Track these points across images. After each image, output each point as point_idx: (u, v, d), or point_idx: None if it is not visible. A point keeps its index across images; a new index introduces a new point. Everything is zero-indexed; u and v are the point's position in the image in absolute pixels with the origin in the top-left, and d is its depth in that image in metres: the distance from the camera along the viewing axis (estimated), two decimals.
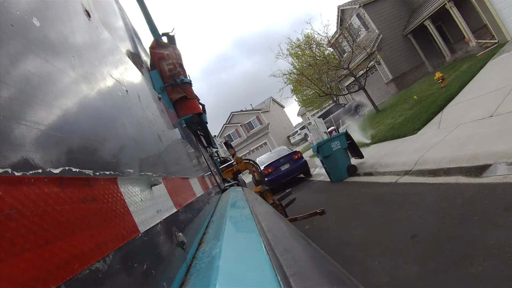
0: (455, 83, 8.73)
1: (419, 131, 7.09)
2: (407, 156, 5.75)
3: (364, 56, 17.21)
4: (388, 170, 5.86)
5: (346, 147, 7.20)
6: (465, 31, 13.83)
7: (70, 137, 0.49)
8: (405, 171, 5.24)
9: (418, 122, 7.56)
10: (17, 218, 0.31)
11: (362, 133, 10.62)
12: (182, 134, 1.94)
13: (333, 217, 4.87)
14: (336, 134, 7.41)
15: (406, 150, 6.27)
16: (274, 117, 38.54)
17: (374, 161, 6.88)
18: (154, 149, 1.02)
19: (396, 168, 5.65)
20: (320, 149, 7.28)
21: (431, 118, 7.33)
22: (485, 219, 2.74)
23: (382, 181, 5.53)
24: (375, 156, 7.37)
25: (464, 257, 2.38)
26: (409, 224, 3.36)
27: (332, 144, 7.19)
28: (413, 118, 8.09)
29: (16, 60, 0.42)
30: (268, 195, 4.60)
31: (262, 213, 1.35)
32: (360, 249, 3.38)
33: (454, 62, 14.14)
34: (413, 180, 4.81)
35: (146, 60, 2.41)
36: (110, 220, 0.50)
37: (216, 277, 0.59)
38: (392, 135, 8.20)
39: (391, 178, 5.46)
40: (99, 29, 0.93)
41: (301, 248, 0.80)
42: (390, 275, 2.67)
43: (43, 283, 0.31)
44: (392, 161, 6.12)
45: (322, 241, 4.10)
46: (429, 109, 7.84)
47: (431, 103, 8.38)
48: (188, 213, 1.08)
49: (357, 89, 15.47)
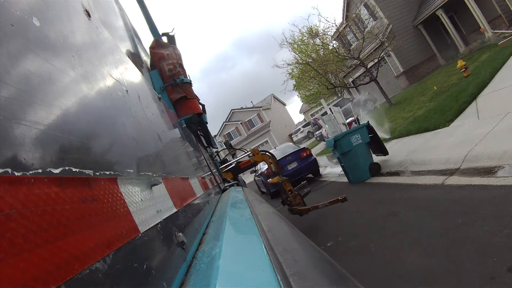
0: (483, 71, 8.09)
1: (452, 122, 6.23)
2: (448, 151, 4.84)
3: (375, 45, 16.04)
4: (425, 168, 4.93)
5: (368, 142, 6.13)
6: (480, 21, 13.38)
7: (70, 137, 0.49)
8: (451, 170, 4.29)
9: (448, 113, 6.70)
10: (17, 218, 0.31)
11: (377, 127, 9.70)
12: (182, 134, 1.94)
13: (366, 232, 3.69)
14: (357, 126, 6.26)
15: (443, 144, 5.34)
16: (275, 115, 37.86)
17: (402, 158, 5.92)
18: (154, 149, 1.02)
19: (436, 166, 4.70)
20: (338, 144, 6.12)
21: (464, 108, 6.53)
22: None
23: (422, 183, 4.45)
24: (402, 152, 6.33)
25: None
26: (495, 248, 2.27)
27: (352, 138, 6.03)
28: (441, 110, 7.33)
29: (16, 60, 0.42)
30: (286, 184, 4.61)
31: (262, 213, 1.35)
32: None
33: (470, 53, 13.54)
34: (467, 181, 3.72)
35: (146, 60, 2.41)
36: (110, 220, 0.50)
37: (216, 277, 0.59)
38: (417, 129, 7.29)
39: (433, 178, 4.38)
40: (99, 29, 0.93)
41: (301, 248, 0.80)
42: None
43: (43, 283, 0.31)
44: (428, 157, 5.20)
45: (360, 267, 2.92)
46: (459, 99, 7.13)
47: (459, 92, 7.64)
48: (188, 213, 1.08)
49: (368, 81, 14.30)
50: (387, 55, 16.55)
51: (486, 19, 13.31)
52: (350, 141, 6.05)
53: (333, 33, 16.43)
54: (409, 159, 5.65)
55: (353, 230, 3.86)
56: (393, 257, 2.88)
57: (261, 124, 36.39)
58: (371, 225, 3.83)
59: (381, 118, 11.20)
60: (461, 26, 15.75)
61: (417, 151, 5.86)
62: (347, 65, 17.15)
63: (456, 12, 15.44)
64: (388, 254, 2.97)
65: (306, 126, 30.39)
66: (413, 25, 16.90)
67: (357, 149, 6.06)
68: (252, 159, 4.70)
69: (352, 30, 17.21)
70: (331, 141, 6.25)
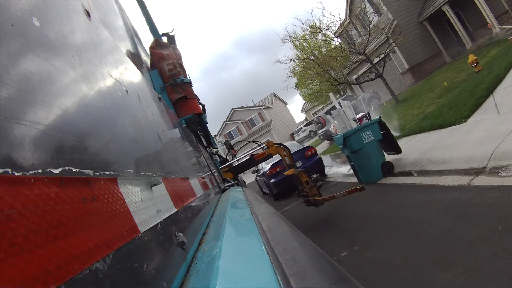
0: (497, 66, 7.84)
1: (468, 118, 5.92)
2: (470, 149, 4.48)
3: (381, 40, 15.77)
4: (445, 168, 4.54)
5: (380, 139, 5.66)
6: (488, 16, 13.23)
7: (70, 137, 0.49)
8: (476, 169, 3.92)
9: (464, 108, 6.40)
10: (17, 218, 0.31)
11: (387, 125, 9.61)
12: (182, 134, 1.94)
13: (387, 241, 3.18)
14: (368, 122, 5.75)
15: (463, 141, 5.00)
16: (276, 114, 37.61)
17: (417, 156, 5.53)
18: (154, 149, 1.02)
19: (458, 165, 4.33)
20: (348, 141, 5.66)
21: (480, 103, 6.23)
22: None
23: (445, 184, 4.03)
24: (416, 150, 5.94)
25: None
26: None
27: (363, 135, 5.57)
28: (455, 105, 7.04)
29: (16, 60, 0.42)
30: (303, 176, 4.62)
31: (262, 213, 1.35)
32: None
33: (478, 50, 13.27)
34: (498, 181, 3.30)
35: (146, 60, 2.41)
36: (110, 220, 0.50)
37: (216, 277, 0.59)
38: (430, 125, 7.00)
39: (457, 179, 3.95)
40: (99, 29, 0.93)
41: (301, 248, 0.80)
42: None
43: (43, 283, 0.31)
44: (447, 155, 4.83)
45: (386, 282, 2.49)
46: (473, 94, 6.86)
47: (474, 87, 7.36)
48: (188, 213, 1.08)
49: (374, 77, 13.84)
50: (392, 52, 16.17)
51: (493, 15, 13.10)
52: (361, 138, 5.59)
53: (337, 28, 16.03)
54: (426, 158, 5.23)
55: (370, 238, 3.36)
56: (425, 272, 2.34)
57: (262, 123, 36.15)
58: (391, 232, 3.34)
59: (389, 115, 10.71)
60: (467, 22, 15.46)
61: (434, 148, 5.47)
62: (352, 61, 16.74)
63: (462, 8, 15.18)
64: (418, 268, 2.42)
65: (308, 125, 30.13)
66: (418, 21, 16.56)
67: (368, 147, 5.61)
68: (267, 152, 4.68)
69: (356, 26, 16.83)
70: (341, 138, 5.76)
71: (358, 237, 3.60)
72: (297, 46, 16.53)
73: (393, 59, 17.22)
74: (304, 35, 16.38)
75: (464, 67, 10.44)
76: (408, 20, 16.41)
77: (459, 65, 12.07)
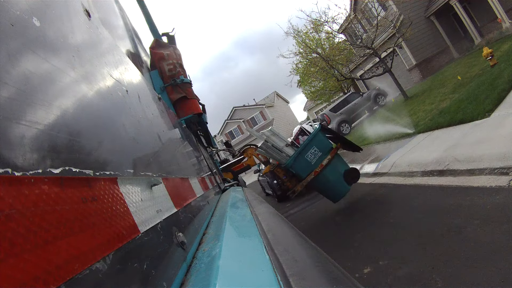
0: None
1: (492, 112, 5.52)
2: (502, 145, 4.01)
3: (388, 34, 15.24)
4: (475, 166, 4.06)
5: (331, 148, 4.79)
6: (497, 10, 12.95)
7: (70, 137, 0.49)
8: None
9: (486, 102, 6.04)
10: (17, 218, 0.31)
11: (397, 121, 8.73)
12: (182, 134, 1.94)
13: (418, 255, 2.72)
14: (308, 138, 4.79)
15: (491, 137, 4.53)
16: (278, 113, 37.12)
17: (439, 154, 5.05)
18: (154, 149, 1.02)
19: (491, 163, 3.87)
20: (294, 171, 4.68)
21: (503, 96, 5.82)
22: None
23: (479, 185, 3.54)
24: (436, 148, 5.50)
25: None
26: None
27: (308, 155, 4.60)
28: (475, 99, 6.68)
29: (16, 60, 0.42)
30: (279, 171, 4.64)
31: (262, 213, 1.35)
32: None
33: (488, 45, 12.79)
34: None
35: (146, 60, 2.41)
36: (110, 220, 0.50)
37: (216, 277, 0.59)
38: (448, 121, 6.58)
39: (493, 179, 3.47)
40: (99, 29, 0.93)
41: (301, 248, 0.80)
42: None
43: (43, 283, 0.31)
44: (476, 153, 4.32)
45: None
46: (495, 88, 6.47)
47: (492, 80, 7.00)
48: (188, 213, 1.08)
49: (381, 72, 13.25)
50: (399, 47, 15.77)
51: (503, 9, 12.83)
52: (307, 161, 4.60)
53: (342, 21, 15.67)
54: (450, 156, 4.72)
55: (399, 252, 2.88)
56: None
57: (264, 122, 35.72)
58: (423, 244, 2.83)
59: (399, 112, 10.35)
60: (475, 17, 15.07)
61: (458, 145, 4.98)
62: (360, 55, 16.30)
63: (470, 2, 14.82)
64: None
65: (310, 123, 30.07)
66: (425, 16, 16.18)
67: (320, 164, 4.63)
68: (245, 163, 4.62)
69: (360, 21, 16.42)
70: (288, 170, 4.78)
71: (383, 251, 3.11)
72: (299, 43, 16.26)
73: (400, 55, 16.79)
74: (307, 31, 16.16)
75: (476, 62, 9.87)
76: (415, 15, 15.80)
77: (469, 60, 11.71)
